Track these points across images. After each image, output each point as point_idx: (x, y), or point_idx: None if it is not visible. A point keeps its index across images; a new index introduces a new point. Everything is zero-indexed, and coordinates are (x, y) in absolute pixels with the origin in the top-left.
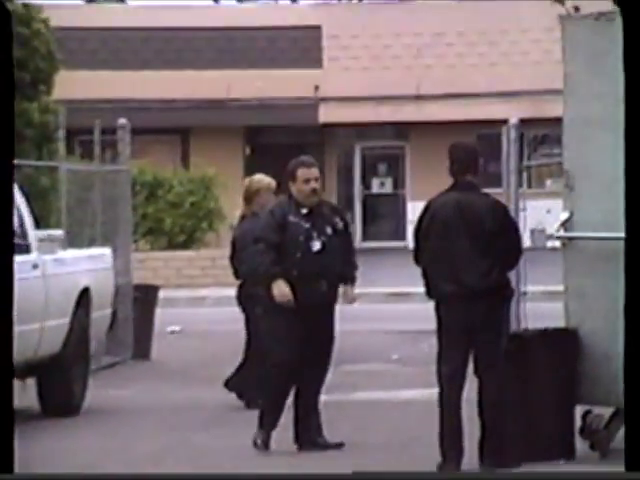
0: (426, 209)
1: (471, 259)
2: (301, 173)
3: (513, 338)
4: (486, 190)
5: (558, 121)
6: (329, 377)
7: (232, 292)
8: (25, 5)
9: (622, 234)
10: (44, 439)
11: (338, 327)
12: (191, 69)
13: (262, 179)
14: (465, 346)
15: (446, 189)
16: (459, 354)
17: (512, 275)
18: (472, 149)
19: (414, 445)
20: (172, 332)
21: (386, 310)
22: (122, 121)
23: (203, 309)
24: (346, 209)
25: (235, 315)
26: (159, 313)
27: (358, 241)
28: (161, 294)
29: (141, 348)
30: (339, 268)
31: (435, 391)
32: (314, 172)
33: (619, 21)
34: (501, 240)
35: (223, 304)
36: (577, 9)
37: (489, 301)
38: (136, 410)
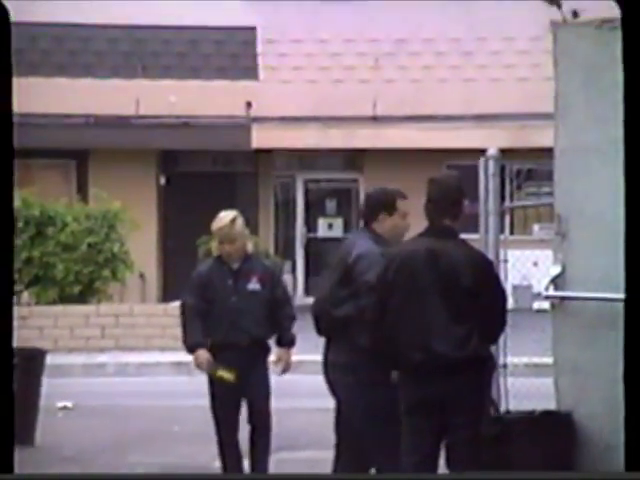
0: (391, 258)
1: (445, 323)
2: (401, 205)
3: (492, 422)
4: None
5: (548, 152)
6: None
7: (137, 358)
8: None
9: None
10: None
11: (276, 404)
12: (90, 77)
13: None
14: (436, 431)
15: (418, 234)
16: (428, 441)
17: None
18: (454, 186)
19: None
20: (63, 408)
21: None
22: None
23: (103, 379)
24: (284, 256)
25: (142, 387)
26: (46, 384)
27: (299, 296)
28: (49, 360)
29: (21, 431)
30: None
31: None
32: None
33: None
34: (482, 302)
35: (127, 373)
36: (576, 14)
37: (466, 376)
38: None
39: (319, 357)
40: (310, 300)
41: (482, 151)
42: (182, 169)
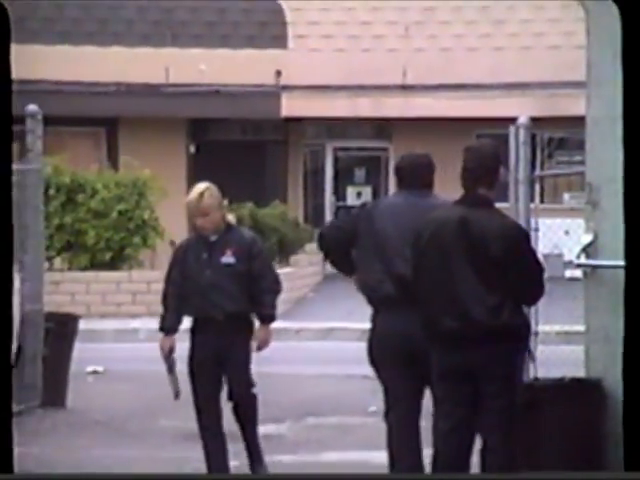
0: (424, 226)
1: (477, 291)
2: None
3: (522, 389)
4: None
5: (580, 121)
6: (291, 433)
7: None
8: None
9: None
10: None
11: (305, 370)
12: (119, 45)
13: None
14: (469, 398)
15: (453, 202)
16: (461, 408)
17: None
18: (490, 155)
19: None
20: (93, 373)
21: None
22: (32, 108)
23: (133, 345)
24: (313, 224)
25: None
26: (77, 349)
27: (328, 265)
28: (81, 325)
29: (53, 393)
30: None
31: (426, 453)
32: None
33: None
34: (516, 271)
35: (158, 339)
36: None
37: (499, 344)
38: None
39: (349, 324)
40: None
41: (512, 120)
42: (212, 137)
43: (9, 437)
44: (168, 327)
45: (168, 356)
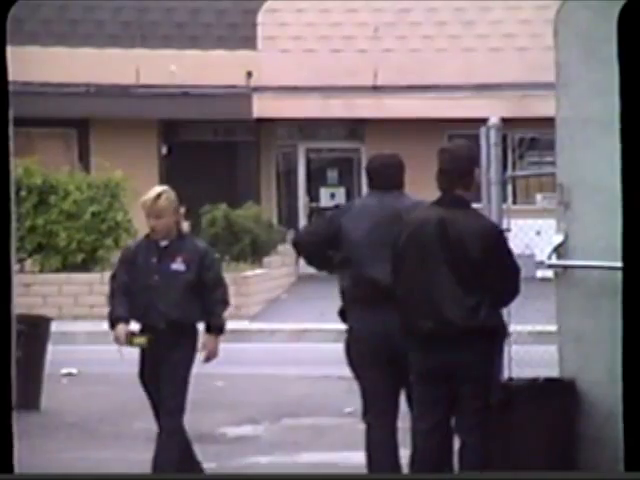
0: (402, 227)
1: (455, 292)
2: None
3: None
4: None
5: (550, 121)
6: (267, 434)
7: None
8: None
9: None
10: None
11: (280, 371)
12: (90, 47)
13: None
14: (445, 399)
15: (430, 203)
16: (438, 409)
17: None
18: (466, 156)
19: None
20: (67, 375)
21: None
22: None
23: (107, 347)
24: (287, 226)
25: None
26: (51, 351)
27: (302, 266)
28: (53, 327)
29: (27, 396)
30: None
31: (402, 454)
32: None
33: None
34: (492, 272)
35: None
36: None
37: (476, 345)
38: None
39: (323, 325)
40: (311, 270)
41: (483, 120)
42: (183, 138)
43: (9, 437)
44: (118, 316)
45: (126, 342)
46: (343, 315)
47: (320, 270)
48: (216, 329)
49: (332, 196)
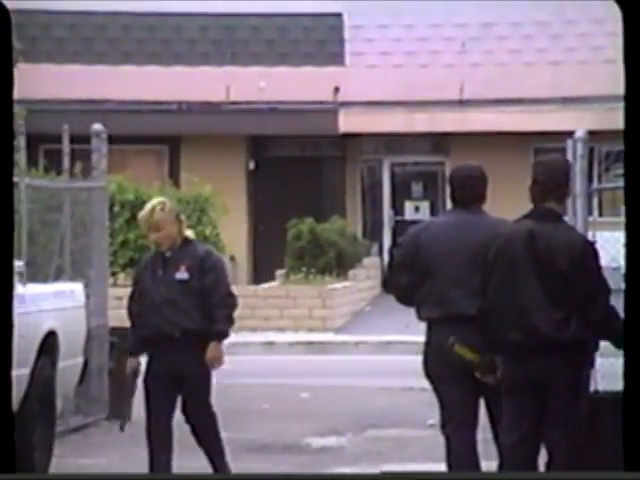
0: (493, 239)
1: (543, 305)
2: None
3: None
4: None
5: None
6: (351, 445)
7: (231, 338)
8: None
9: None
10: None
11: (364, 383)
12: (182, 65)
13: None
14: (535, 410)
15: (522, 216)
16: (527, 420)
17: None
18: (560, 168)
19: None
20: None
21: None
22: (97, 127)
23: None
24: (371, 239)
25: (234, 366)
26: (142, 362)
27: None
28: None
29: (119, 406)
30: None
31: (486, 465)
32: None
33: None
34: (581, 286)
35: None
36: None
37: (565, 357)
38: None
39: (406, 337)
40: None
41: (570, 133)
42: (271, 154)
43: (10, 437)
44: (130, 349)
45: (131, 376)
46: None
47: (412, 306)
48: (216, 335)
49: (416, 209)
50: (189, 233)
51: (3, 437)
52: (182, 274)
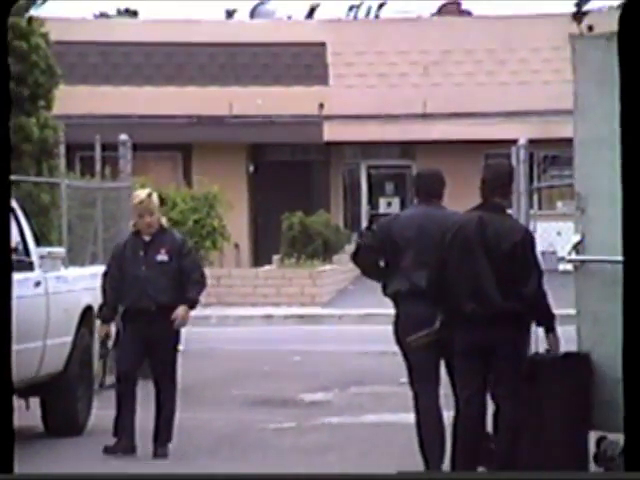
0: (450, 225)
1: (491, 280)
2: None
3: (527, 363)
4: None
5: (568, 142)
6: (337, 399)
7: (234, 312)
8: (29, 19)
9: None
10: (46, 459)
11: (347, 349)
12: (193, 85)
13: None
14: (483, 370)
15: (472, 207)
16: (477, 379)
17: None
18: (503, 171)
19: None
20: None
21: None
22: (123, 137)
23: (206, 329)
24: (351, 229)
25: (239, 335)
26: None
27: None
28: None
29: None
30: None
31: (448, 414)
32: None
33: None
34: (519, 265)
35: (227, 324)
36: (591, 28)
37: (510, 323)
38: (139, 431)
39: (382, 310)
40: None
41: (514, 142)
42: (267, 159)
43: (10, 437)
44: (104, 317)
45: (104, 341)
46: (394, 299)
47: (372, 279)
48: (189, 301)
49: (389, 204)
50: (164, 222)
51: (2, 437)
52: (162, 256)
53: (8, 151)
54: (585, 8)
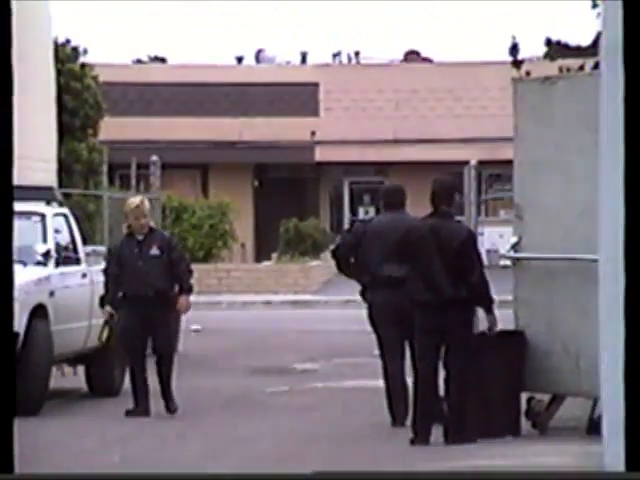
0: (407, 229)
1: (443, 273)
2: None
3: (473, 339)
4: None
5: (510, 163)
6: (323, 368)
7: (240, 298)
8: (82, 65)
9: (560, 255)
10: (90, 413)
11: (331, 328)
12: (211, 116)
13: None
14: (438, 346)
15: (425, 215)
16: (433, 352)
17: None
18: (448, 184)
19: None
20: (195, 330)
21: None
22: (154, 158)
23: (218, 312)
24: (336, 232)
25: (244, 317)
26: (184, 315)
27: None
28: None
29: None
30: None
31: (409, 381)
32: None
33: (560, 84)
34: (465, 261)
35: (235, 308)
36: (528, 73)
37: (459, 309)
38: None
39: (359, 298)
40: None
41: (466, 163)
42: (269, 175)
43: (10, 437)
44: (108, 303)
45: (110, 318)
46: (363, 295)
47: (343, 273)
48: (186, 290)
49: (366, 212)
50: (152, 223)
51: (2, 437)
52: (155, 251)
53: (10, 153)
54: (519, 57)
